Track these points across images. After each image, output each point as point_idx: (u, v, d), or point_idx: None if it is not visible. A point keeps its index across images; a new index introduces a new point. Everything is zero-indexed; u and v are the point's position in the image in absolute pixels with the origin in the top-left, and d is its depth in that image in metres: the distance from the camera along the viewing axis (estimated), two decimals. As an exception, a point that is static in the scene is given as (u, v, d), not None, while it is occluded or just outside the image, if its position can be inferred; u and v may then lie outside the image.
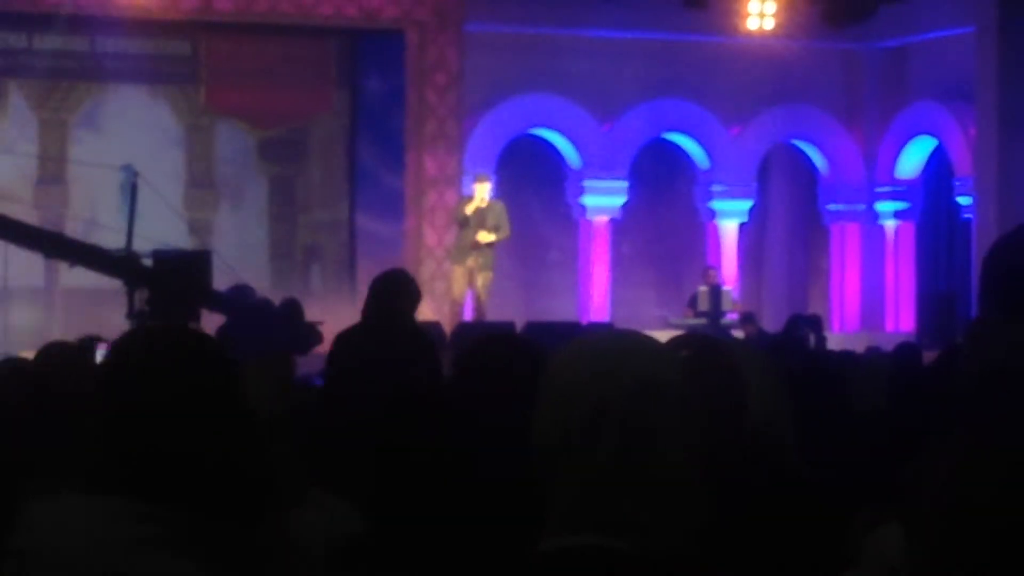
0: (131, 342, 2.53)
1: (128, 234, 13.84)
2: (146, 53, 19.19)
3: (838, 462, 4.68)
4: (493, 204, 17.27)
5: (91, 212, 17.60)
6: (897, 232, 21.17)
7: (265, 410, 4.21)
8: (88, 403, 2.46)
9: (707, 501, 2.13)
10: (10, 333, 17.01)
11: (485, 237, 16.96)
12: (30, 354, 7.01)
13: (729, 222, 21.06)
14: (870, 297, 21.34)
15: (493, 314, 17.01)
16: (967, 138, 19.53)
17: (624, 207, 20.49)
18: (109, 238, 14.27)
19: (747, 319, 18.58)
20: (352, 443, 4.46)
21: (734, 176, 20.90)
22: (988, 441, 1.93)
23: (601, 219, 20.48)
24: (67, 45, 18.89)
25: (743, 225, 21.21)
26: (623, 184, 20.41)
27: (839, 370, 6.60)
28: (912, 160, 20.99)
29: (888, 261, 21.21)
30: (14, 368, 5.40)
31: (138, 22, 18.47)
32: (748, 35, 20.19)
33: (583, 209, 20.47)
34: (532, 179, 20.30)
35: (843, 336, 18.64)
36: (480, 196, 17.17)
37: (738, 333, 17.25)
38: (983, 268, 3.17)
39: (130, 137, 18.58)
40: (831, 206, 21.53)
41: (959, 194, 19.86)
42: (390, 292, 7.28)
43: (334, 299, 17.72)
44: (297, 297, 13.04)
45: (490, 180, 17.79)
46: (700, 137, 20.81)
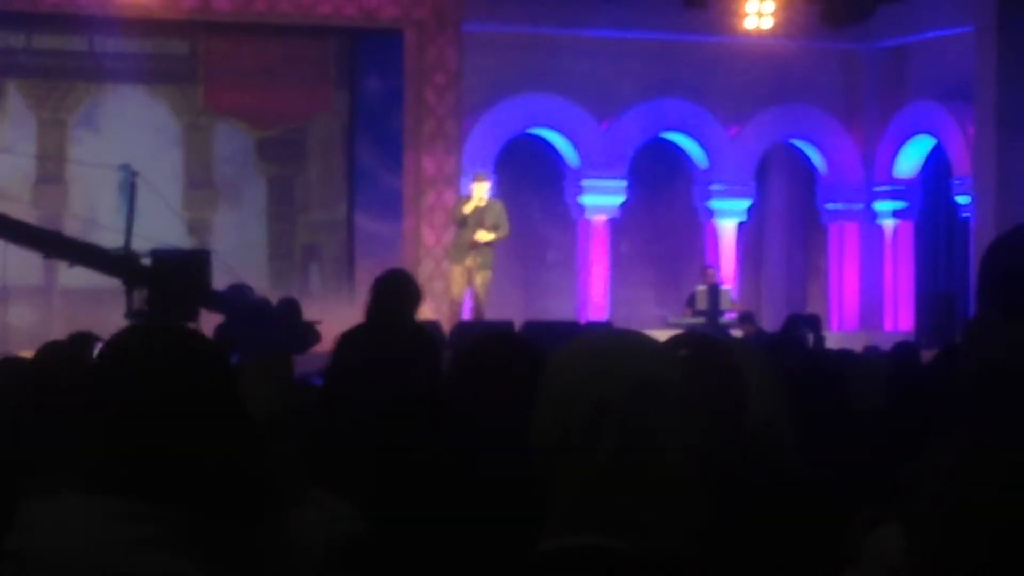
0: (125, 341, 2.52)
1: (127, 234, 13.83)
2: (145, 53, 19.18)
3: (837, 462, 4.68)
4: (492, 203, 17.26)
5: (90, 212, 17.58)
6: (896, 231, 21.16)
7: (265, 410, 4.21)
8: (84, 402, 2.45)
9: (707, 501, 2.13)
10: (9, 333, 16.99)
11: (483, 236, 16.95)
12: (29, 354, 7.01)
13: (728, 221, 21.05)
14: (869, 296, 21.33)
15: (492, 313, 16.99)
16: (966, 138, 19.53)
17: (623, 206, 20.49)
18: (108, 238, 14.27)
19: (746, 318, 18.57)
20: (352, 443, 4.46)
21: (733, 175, 20.89)
22: (988, 441, 1.93)
23: (600, 218, 20.47)
24: (66, 45, 18.88)
25: (742, 224, 21.21)
26: (622, 183, 20.41)
27: (838, 369, 6.60)
28: (911, 160, 20.99)
29: (887, 260, 21.20)
30: (14, 368, 5.39)
31: (137, 22, 18.46)
32: (747, 35, 20.19)
33: (582, 208, 20.47)
34: (531, 179, 20.29)
35: (842, 335, 18.63)
36: (479, 196, 17.16)
37: (737, 332, 17.24)
38: (981, 268, 3.17)
39: (129, 137, 18.56)
40: (830, 205, 21.53)
41: (958, 193, 19.86)
42: (392, 292, 7.27)
43: (333, 299, 17.71)
44: (295, 297, 13.02)
45: (488, 180, 17.77)
46: (699, 137, 20.80)
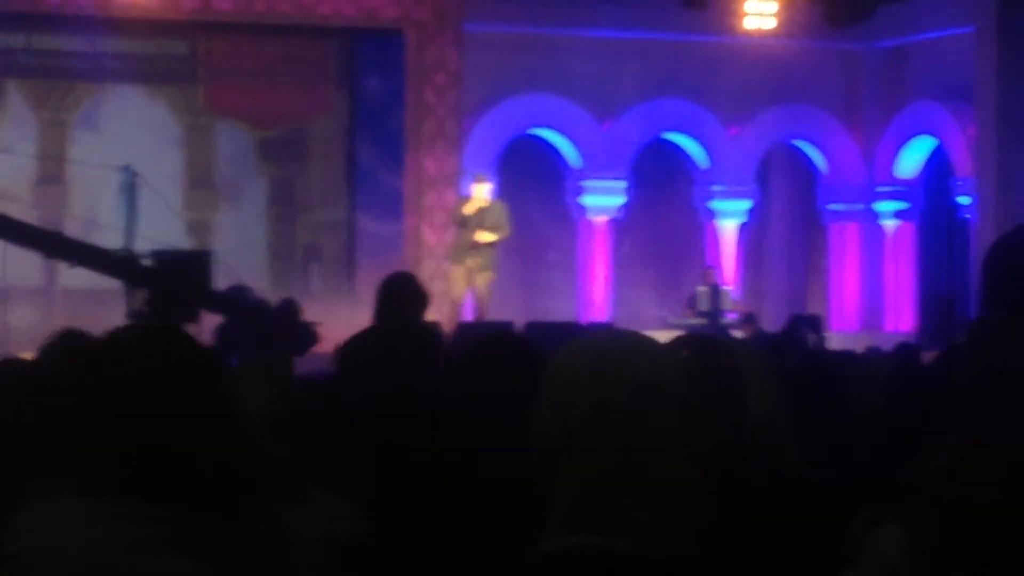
0: (116, 343, 2.50)
1: (127, 234, 13.82)
2: (145, 53, 19.18)
3: (838, 462, 4.68)
4: (494, 204, 17.26)
5: (90, 212, 17.57)
6: (897, 232, 21.16)
7: (265, 410, 4.21)
8: (78, 403, 2.44)
9: (707, 501, 2.13)
10: (9, 333, 16.98)
11: (484, 237, 16.95)
12: (30, 354, 7.00)
13: (729, 222, 21.05)
14: (870, 297, 21.33)
15: (493, 314, 16.99)
16: (967, 138, 19.53)
17: (624, 207, 20.49)
18: (108, 238, 14.25)
19: (747, 319, 18.57)
20: (352, 443, 4.46)
21: (734, 176, 20.89)
22: (988, 441, 1.93)
23: (601, 219, 20.47)
24: (66, 45, 18.88)
25: (743, 225, 21.21)
26: (623, 184, 20.41)
27: (839, 370, 6.60)
28: (912, 160, 20.98)
29: (888, 261, 21.20)
30: (14, 369, 5.39)
31: (137, 22, 18.46)
32: (748, 35, 20.20)
33: (583, 209, 20.47)
34: (532, 179, 20.29)
35: (843, 336, 18.63)
36: (479, 196, 17.16)
37: (738, 333, 17.24)
38: (983, 268, 3.17)
39: (129, 137, 18.56)
40: (831, 206, 21.52)
41: (959, 194, 19.86)
42: (399, 295, 7.26)
43: (333, 299, 17.71)
44: (295, 297, 13.02)
45: (489, 180, 17.76)
46: (700, 137, 20.80)
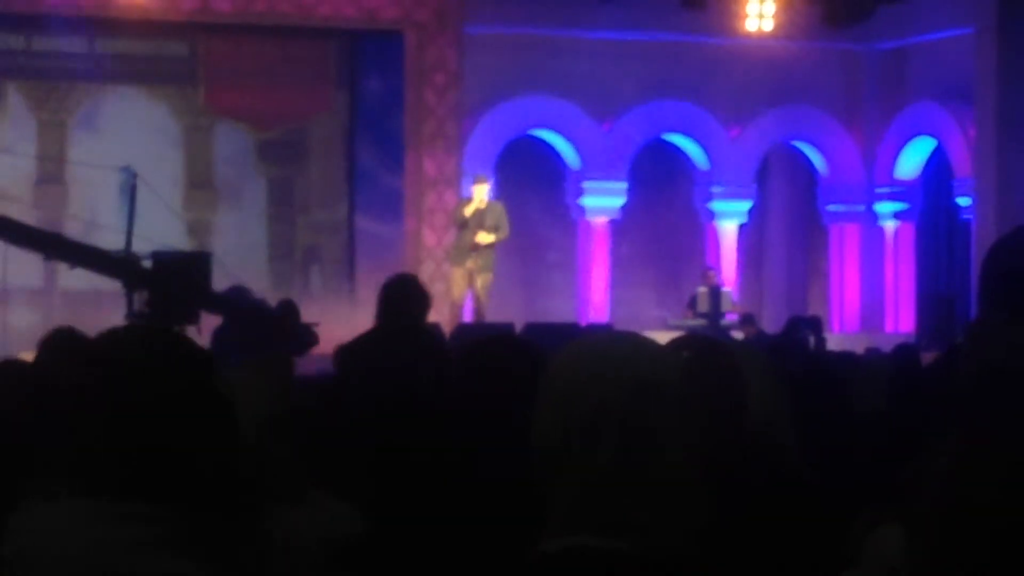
0: (112, 342, 2.49)
1: (127, 235, 13.82)
2: (145, 54, 19.18)
3: (838, 463, 4.68)
4: (493, 205, 17.26)
5: (90, 213, 17.57)
6: (896, 233, 21.16)
7: (265, 410, 4.21)
8: (74, 403, 2.43)
9: (707, 501, 2.13)
10: (9, 334, 16.98)
11: (484, 238, 16.95)
12: (29, 355, 7.00)
13: (728, 223, 21.05)
14: (870, 298, 21.33)
15: (492, 315, 16.99)
16: (966, 139, 19.53)
17: (623, 208, 20.49)
18: (108, 239, 14.25)
19: (747, 320, 18.57)
20: (352, 443, 4.46)
21: (733, 177, 20.89)
22: (988, 441, 1.93)
23: (600, 220, 20.47)
24: (66, 46, 18.87)
25: (743, 226, 21.21)
26: (622, 185, 20.41)
27: (839, 371, 6.60)
28: (911, 161, 20.98)
29: (888, 262, 21.20)
30: (14, 370, 5.39)
31: (137, 23, 18.46)
32: (747, 36, 20.20)
33: (582, 210, 20.47)
34: (531, 180, 20.30)
35: (843, 337, 18.63)
36: (479, 197, 17.17)
37: (738, 334, 17.24)
38: (982, 269, 3.17)
39: (129, 138, 18.56)
40: (830, 207, 21.53)
41: (958, 195, 19.86)
42: (401, 297, 7.26)
43: (333, 300, 17.73)
44: (294, 298, 13.02)
45: (488, 181, 17.77)
46: (699, 138, 20.80)
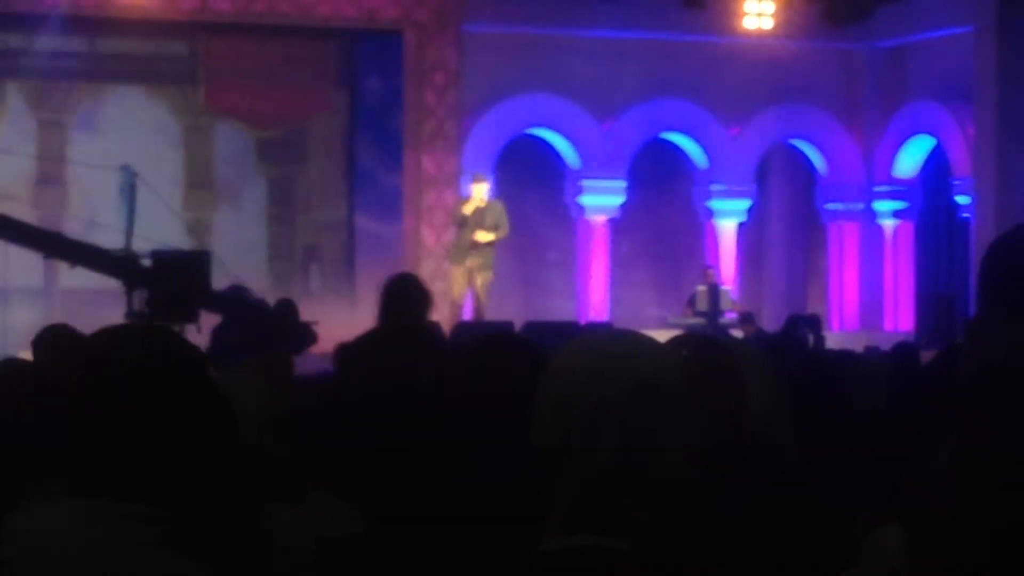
0: (109, 342, 2.48)
1: (127, 235, 13.82)
2: (145, 54, 19.18)
3: (837, 462, 4.68)
4: (492, 204, 17.28)
5: (90, 212, 17.57)
6: (896, 231, 21.16)
7: (265, 410, 4.21)
8: (71, 403, 2.42)
9: (707, 501, 2.13)
10: (9, 333, 16.97)
11: (483, 236, 16.96)
12: (29, 355, 7.00)
13: (728, 222, 21.05)
14: (869, 296, 21.33)
15: (492, 314, 16.99)
16: (966, 138, 19.53)
17: (623, 207, 20.49)
18: (108, 238, 14.25)
19: (746, 319, 18.57)
20: (352, 443, 4.46)
21: (733, 176, 20.89)
22: (988, 441, 1.93)
23: (600, 219, 20.47)
24: (66, 46, 18.87)
25: (742, 225, 21.21)
26: (622, 184, 20.40)
27: (838, 370, 6.59)
28: (911, 160, 20.99)
29: (887, 260, 21.20)
30: (14, 369, 5.38)
31: (137, 22, 18.46)
32: (747, 35, 20.20)
33: (582, 209, 20.47)
34: (531, 179, 20.29)
35: (842, 335, 18.63)
36: (478, 196, 17.18)
37: (737, 333, 17.24)
38: (981, 268, 3.17)
39: (129, 138, 18.55)
40: (830, 205, 21.53)
41: (958, 193, 19.86)
42: (402, 296, 7.26)
43: (333, 299, 17.72)
44: (293, 297, 13.03)
45: (488, 180, 17.78)
46: (699, 137, 20.80)
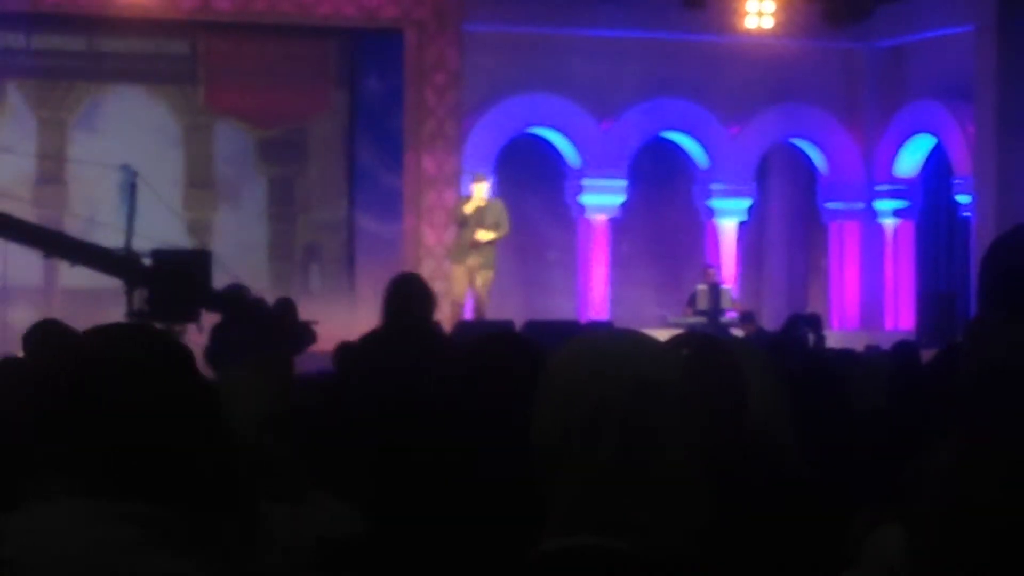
0: (94, 341, 2.48)
1: (127, 234, 13.81)
2: (145, 53, 19.18)
3: (838, 461, 4.68)
4: (492, 203, 17.29)
5: (90, 211, 17.57)
6: (896, 230, 21.15)
7: (265, 410, 4.21)
8: (67, 402, 2.41)
9: (707, 501, 2.13)
10: (9, 333, 16.97)
11: (484, 235, 16.97)
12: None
13: (728, 221, 21.05)
14: (869, 296, 21.32)
15: (492, 313, 17.00)
16: (966, 137, 19.53)
17: (623, 206, 20.48)
18: (108, 237, 14.25)
19: (746, 318, 18.57)
20: (352, 443, 4.46)
21: (733, 175, 20.88)
22: (988, 441, 1.93)
23: (600, 218, 20.46)
24: (66, 45, 18.87)
25: (742, 224, 21.20)
26: (622, 183, 20.40)
27: (838, 369, 6.59)
28: (911, 159, 20.98)
29: (887, 259, 21.19)
30: (13, 368, 5.39)
31: (137, 21, 18.46)
32: (747, 34, 20.19)
33: (582, 208, 20.46)
34: (531, 178, 20.29)
35: (842, 335, 18.61)
36: (479, 195, 17.19)
37: (737, 332, 17.23)
38: (982, 267, 3.16)
39: (129, 137, 18.56)
40: (830, 205, 21.52)
41: (958, 192, 19.85)
42: (406, 296, 7.26)
43: (333, 299, 17.72)
44: (293, 297, 13.03)
45: (488, 180, 17.79)
46: (699, 136, 20.80)
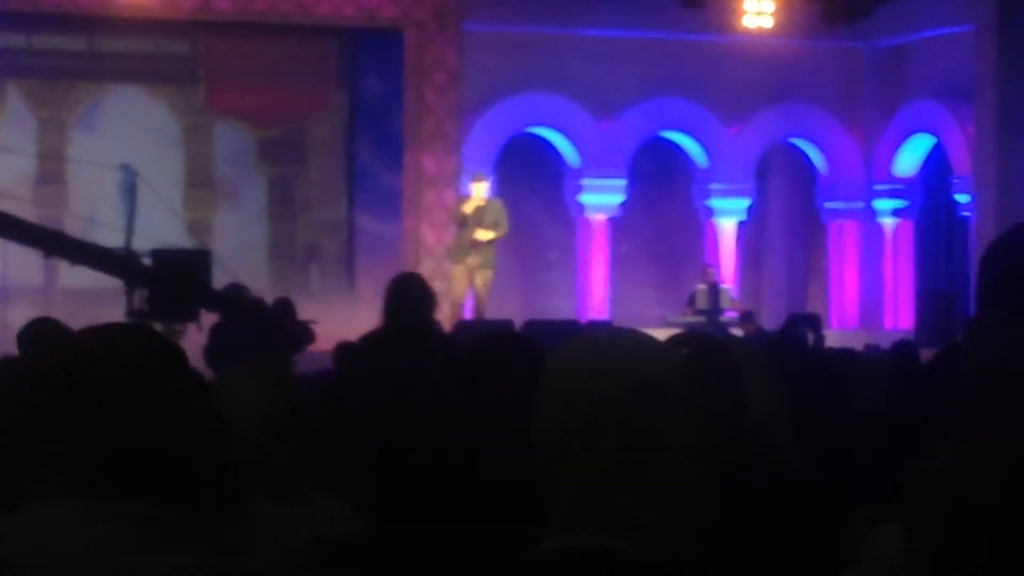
0: (89, 342, 2.47)
1: (127, 233, 13.81)
2: (145, 53, 19.18)
3: (837, 461, 4.68)
4: (492, 202, 17.31)
5: (90, 211, 17.56)
6: (896, 230, 21.15)
7: (265, 410, 4.21)
8: (66, 403, 2.41)
9: (707, 501, 2.13)
10: (9, 333, 16.93)
11: (483, 235, 16.98)
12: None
13: (728, 220, 21.04)
14: (869, 295, 21.32)
15: (492, 313, 17.00)
16: (966, 136, 19.53)
17: (623, 206, 20.48)
18: (108, 237, 14.25)
19: (746, 317, 18.57)
20: (352, 443, 4.46)
21: (733, 174, 20.88)
22: (988, 441, 1.93)
23: (600, 218, 20.46)
24: (66, 45, 18.87)
25: (742, 223, 21.20)
26: (622, 183, 20.40)
27: (838, 369, 6.59)
28: (911, 158, 20.98)
29: (887, 259, 21.19)
30: (13, 368, 5.38)
31: (137, 21, 18.45)
32: (747, 34, 20.18)
33: (582, 208, 20.46)
34: (531, 178, 20.29)
35: (842, 334, 18.61)
36: (478, 195, 17.21)
37: (737, 331, 17.23)
38: (981, 267, 3.16)
39: (129, 137, 18.56)
40: (830, 204, 21.52)
41: (957, 192, 19.85)
42: (406, 296, 7.26)
43: (333, 298, 17.72)
44: (293, 297, 13.02)
45: (487, 179, 17.80)
46: (699, 136, 20.79)
